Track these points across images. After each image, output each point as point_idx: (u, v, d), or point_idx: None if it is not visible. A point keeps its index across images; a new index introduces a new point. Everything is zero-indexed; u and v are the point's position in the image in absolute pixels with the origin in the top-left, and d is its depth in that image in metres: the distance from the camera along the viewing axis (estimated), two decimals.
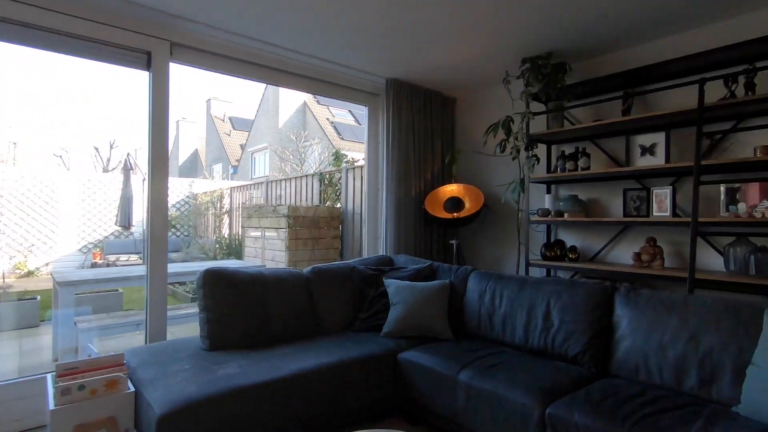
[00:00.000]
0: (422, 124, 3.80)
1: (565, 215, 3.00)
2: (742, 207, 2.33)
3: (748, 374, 1.55)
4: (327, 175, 6.24)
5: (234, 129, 19.29)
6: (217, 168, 18.70)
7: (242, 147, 17.48)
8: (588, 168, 2.95)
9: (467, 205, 3.57)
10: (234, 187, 8.90)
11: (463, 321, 2.60)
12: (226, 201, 8.97)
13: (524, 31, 2.71)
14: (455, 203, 3.59)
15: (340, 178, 6.03)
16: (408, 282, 2.68)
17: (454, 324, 2.63)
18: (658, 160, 2.67)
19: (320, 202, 6.17)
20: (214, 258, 7.76)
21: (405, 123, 3.65)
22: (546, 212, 3.12)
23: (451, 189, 3.69)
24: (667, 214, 2.60)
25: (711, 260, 2.60)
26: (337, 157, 7.28)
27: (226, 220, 8.92)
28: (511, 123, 3.05)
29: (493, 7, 2.45)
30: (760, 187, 2.29)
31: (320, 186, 6.24)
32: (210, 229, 9.22)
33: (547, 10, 2.47)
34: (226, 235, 8.67)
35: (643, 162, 2.74)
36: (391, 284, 2.69)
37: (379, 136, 3.78)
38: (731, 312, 1.72)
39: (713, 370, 1.68)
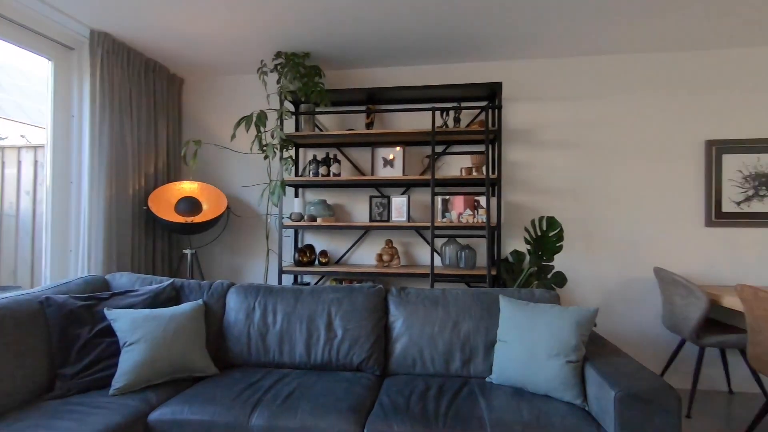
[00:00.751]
0: (143, 102, 2.97)
1: (319, 219, 2.99)
2: (453, 214, 2.95)
3: (496, 349, 1.93)
4: None
5: None
6: None
7: None
8: (339, 174, 3.05)
9: (206, 207, 3.03)
10: None
11: (227, 348, 2.14)
12: None
13: (281, 22, 2.52)
14: (191, 205, 2.98)
15: None
16: (147, 310, 1.98)
17: (216, 354, 2.13)
18: (396, 172, 3.05)
19: None
20: None
21: (120, 97, 2.75)
22: (299, 216, 3.02)
23: (185, 188, 3.04)
24: (404, 219, 2.99)
25: (427, 257, 3.17)
26: None
27: None
28: (265, 119, 2.78)
29: None
30: (464, 199, 2.96)
31: None
32: None
33: (304, 12, 2.38)
34: None
35: (385, 173, 3.06)
36: (121, 316, 1.92)
37: (74, 108, 2.70)
38: (477, 300, 2.11)
39: (471, 351, 2.01)
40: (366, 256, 3.24)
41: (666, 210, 2.95)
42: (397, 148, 3.04)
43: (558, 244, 2.68)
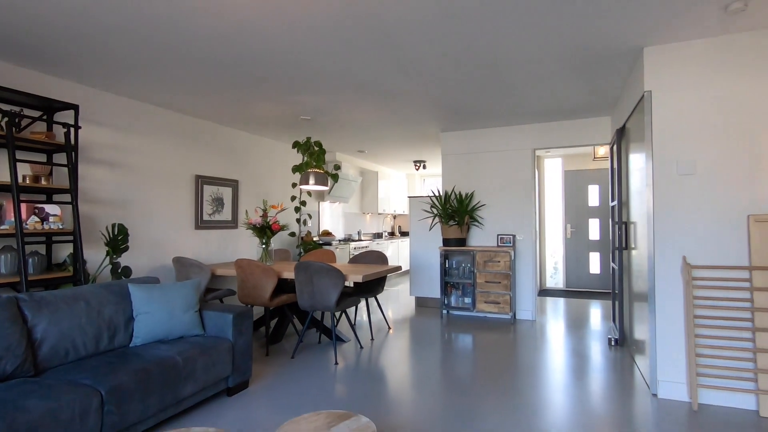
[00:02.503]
0: None
1: None
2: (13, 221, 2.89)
3: (137, 321, 2.64)
4: None
5: None
6: None
7: None
8: None
9: None
10: None
11: None
12: None
13: None
14: None
15: None
16: None
17: None
18: None
19: None
20: None
21: None
22: None
23: None
24: None
25: None
26: None
27: None
28: None
29: None
30: (26, 206, 2.98)
31: None
32: None
33: None
34: None
35: None
36: None
37: None
38: (110, 289, 2.63)
39: (115, 329, 2.55)
40: None
41: (175, 218, 4.34)
42: None
43: (124, 246, 3.43)
